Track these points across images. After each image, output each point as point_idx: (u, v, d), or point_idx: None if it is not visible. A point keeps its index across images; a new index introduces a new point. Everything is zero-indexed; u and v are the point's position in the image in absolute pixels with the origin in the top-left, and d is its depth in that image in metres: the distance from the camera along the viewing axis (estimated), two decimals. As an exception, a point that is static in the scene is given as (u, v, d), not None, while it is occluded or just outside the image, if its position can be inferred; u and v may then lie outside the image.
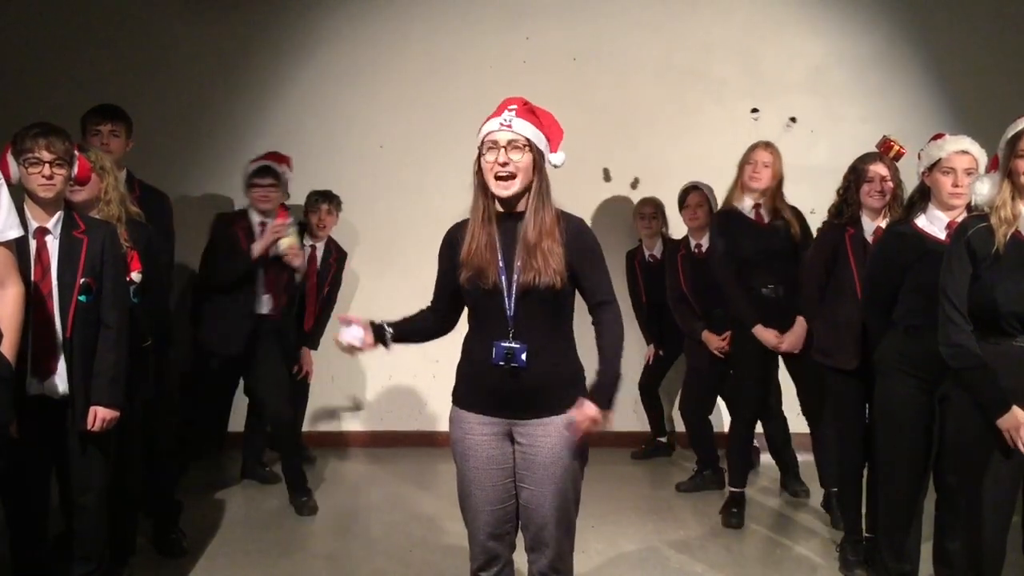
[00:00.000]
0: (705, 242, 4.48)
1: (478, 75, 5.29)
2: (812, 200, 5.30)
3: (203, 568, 3.56)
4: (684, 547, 3.81)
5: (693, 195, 4.59)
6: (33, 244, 2.76)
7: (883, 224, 3.49)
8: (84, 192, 3.08)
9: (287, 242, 2.96)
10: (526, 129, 2.32)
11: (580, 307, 2.44)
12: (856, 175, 3.55)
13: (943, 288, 2.69)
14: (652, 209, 5.02)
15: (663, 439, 5.24)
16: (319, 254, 4.61)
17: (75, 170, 2.83)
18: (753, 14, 5.41)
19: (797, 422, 4.32)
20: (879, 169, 3.51)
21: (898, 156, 3.97)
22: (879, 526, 3.24)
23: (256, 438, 4.66)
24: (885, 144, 4.08)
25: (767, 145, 4.06)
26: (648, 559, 3.71)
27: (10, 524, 2.92)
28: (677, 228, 4.98)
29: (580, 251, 2.36)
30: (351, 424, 5.48)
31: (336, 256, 4.70)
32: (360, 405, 5.49)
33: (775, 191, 4.04)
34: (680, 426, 5.01)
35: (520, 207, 2.35)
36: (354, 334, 2.48)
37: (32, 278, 2.74)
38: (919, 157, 3.19)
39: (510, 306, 2.32)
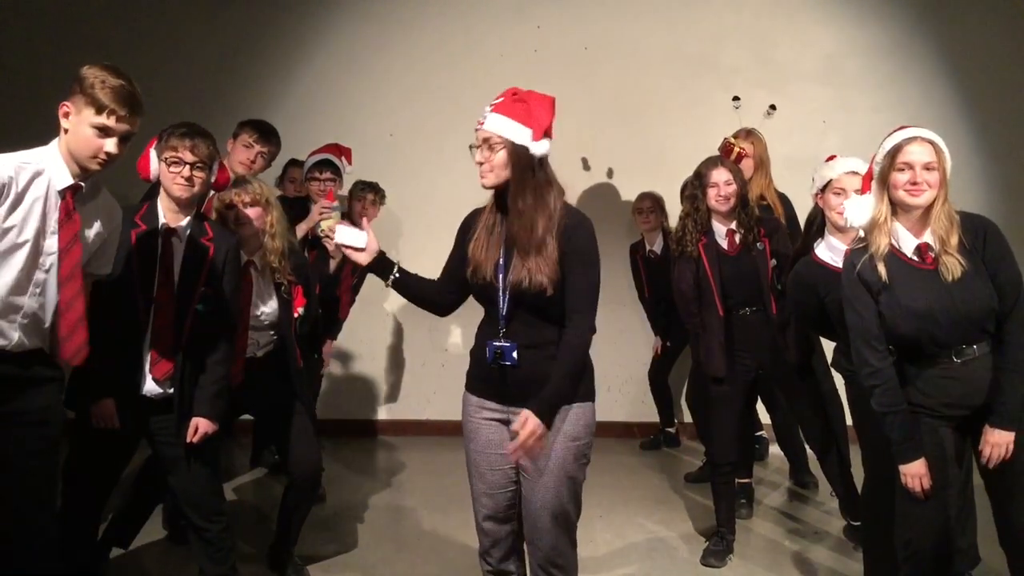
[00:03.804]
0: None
1: (488, 63, 5.28)
2: (824, 190, 5.28)
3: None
4: (692, 538, 3.82)
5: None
6: (159, 242, 2.76)
7: (733, 227, 3.44)
8: (250, 225, 3.09)
9: (327, 223, 3.04)
10: (497, 125, 2.25)
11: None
12: (701, 181, 3.48)
13: (852, 329, 2.54)
14: (650, 203, 4.93)
15: (672, 429, 5.24)
16: None
17: (215, 176, 2.84)
18: (765, 2, 5.38)
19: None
20: (721, 174, 3.45)
21: (739, 158, 3.90)
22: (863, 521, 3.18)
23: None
24: (726, 147, 4.01)
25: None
26: (656, 549, 3.71)
27: (66, 512, 2.85)
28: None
29: (571, 252, 2.26)
30: (360, 412, 5.50)
31: None
32: (369, 393, 5.51)
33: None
34: (688, 417, 5.01)
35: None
36: (357, 235, 2.40)
37: (156, 279, 2.73)
38: (813, 180, 3.17)
39: (503, 305, 2.31)
